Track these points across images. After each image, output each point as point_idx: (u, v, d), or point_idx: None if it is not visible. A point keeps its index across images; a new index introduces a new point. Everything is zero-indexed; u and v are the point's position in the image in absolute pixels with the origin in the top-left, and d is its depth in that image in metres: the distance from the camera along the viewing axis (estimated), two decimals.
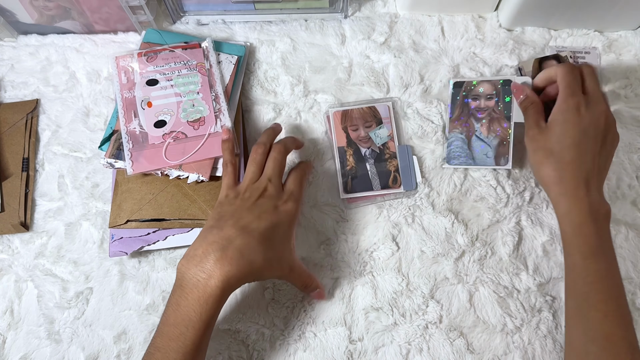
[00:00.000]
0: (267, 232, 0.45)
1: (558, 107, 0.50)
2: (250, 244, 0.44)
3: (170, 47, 0.59)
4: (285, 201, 0.49)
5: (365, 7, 0.66)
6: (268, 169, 0.51)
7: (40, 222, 0.58)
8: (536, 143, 0.51)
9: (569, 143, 0.48)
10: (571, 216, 0.47)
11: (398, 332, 0.53)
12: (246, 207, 0.47)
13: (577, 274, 0.47)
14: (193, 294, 0.42)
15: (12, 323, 0.55)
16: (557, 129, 0.49)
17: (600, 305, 0.44)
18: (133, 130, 0.55)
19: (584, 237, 0.47)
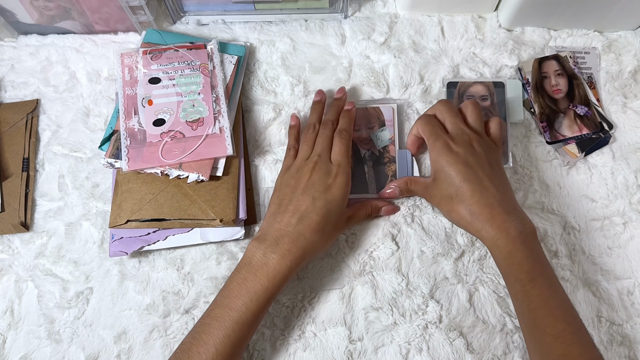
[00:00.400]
0: (323, 211, 0.49)
1: (431, 157, 0.52)
2: (310, 226, 0.48)
3: (175, 46, 0.59)
4: (335, 176, 0.51)
5: (365, 7, 0.66)
6: (317, 145, 0.53)
7: (41, 222, 0.58)
8: (435, 197, 0.52)
9: (459, 181, 0.49)
10: (499, 246, 0.47)
11: (398, 332, 0.53)
12: (301, 188, 0.50)
13: (521, 302, 0.46)
14: (262, 270, 0.46)
15: (12, 323, 0.55)
16: (442, 175, 0.50)
17: (549, 328, 0.44)
18: (132, 127, 0.56)
19: (517, 264, 0.46)
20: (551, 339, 0.43)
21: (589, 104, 0.60)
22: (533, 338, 0.45)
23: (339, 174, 0.51)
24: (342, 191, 0.50)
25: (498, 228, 0.47)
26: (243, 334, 0.45)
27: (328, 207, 0.49)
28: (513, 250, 0.46)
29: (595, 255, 0.56)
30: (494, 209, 0.48)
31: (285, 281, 0.47)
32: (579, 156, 0.58)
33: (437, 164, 0.51)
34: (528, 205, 0.57)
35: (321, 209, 0.49)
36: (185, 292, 0.55)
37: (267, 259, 0.47)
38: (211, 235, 0.55)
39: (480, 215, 0.48)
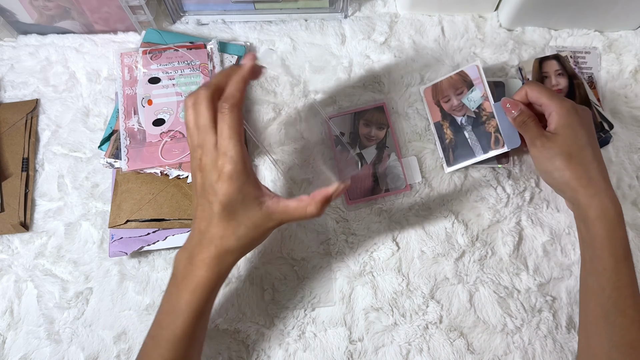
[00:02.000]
0: (224, 214, 0.42)
1: (557, 114, 0.50)
2: (218, 232, 0.43)
3: (175, 46, 0.59)
4: (220, 171, 0.41)
5: (365, 7, 0.66)
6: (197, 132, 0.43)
7: (40, 222, 0.58)
8: (550, 150, 0.49)
9: (584, 143, 0.48)
10: (607, 218, 0.46)
11: (398, 332, 0.53)
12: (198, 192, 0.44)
13: (607, 279, 0.45)
14: (183, 284, 0.43)
15: (12, 323, 0.54)
16: (568, 132, 0.49)
17: (629, 311, 0.44)
18: (131, 127, 0.55)
19: (618, 239, 0.46)
20: (628, 322, 0.43)
21: (589, 104, 0.60)
22: (606, 318, 0.45)
23: (225, 165, 0.41)
24: (233, 186, 0.41)
25: (609, 199, 0.47)
26: (179, 352, 0.43)
27: (227, 208, 0.42)
28: (617, 225, 0.46)
29: None
30: (606, 181, 0.48)
31: (210, 291, 0.43)
32: None
33: (565, 119, 0.49)
34: (528, 205, 0.57)
35: (220, 212, 0.42)
36: None
37: (186, 271, 0.44)
38: None
39: (597, 183, 0.47)
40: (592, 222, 0.47)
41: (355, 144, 0.59)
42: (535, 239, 0.56)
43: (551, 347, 0.53)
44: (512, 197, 0.57)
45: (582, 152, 0.48)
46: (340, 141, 0.56)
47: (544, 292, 0.54)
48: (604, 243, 0.46)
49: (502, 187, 0.58)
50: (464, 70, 0.59)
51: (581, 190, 0.48)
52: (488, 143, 0.56)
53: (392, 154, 0.58)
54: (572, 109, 0.50)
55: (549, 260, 0.55)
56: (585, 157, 0.48)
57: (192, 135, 0.43)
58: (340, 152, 0.56)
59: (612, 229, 0.46)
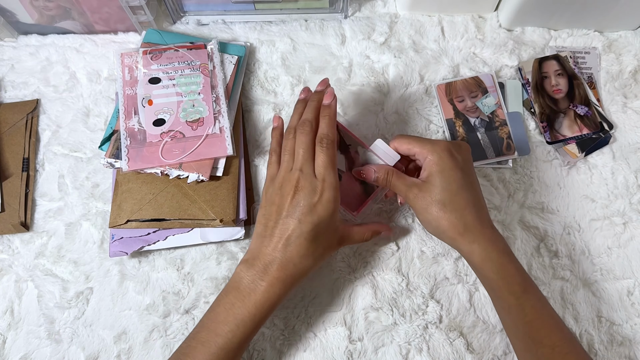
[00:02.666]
0: (311, 235, 0.45)
1: (430, 158, 0.48)
2: (300, 252, 0.45)
3: (175, 46, 0.59)
4: (320, 194, 0.45)
5: (365, 7, 0.66)
6: (297, 157, 0.47)
7: (41, 222, 0.58)
8: (423, 201, 0.47)
9: (457, 187, 0.46)
10: (492, 259, 0.46)
11: (398, 332, 0.53)
12: (285, 210, 0.46)
13: (515, 315, 0.45)
14: (250, 297, 0.45)
15: (12, 323, 0.55)
16: (438, 180, 0.47)
17: (546, 340, 0.44)
18: (132, 127, 0.56)
19: (510, 277, 0.45)
20: (548, 351, 0.43)
21: (589, 104, 0.60)
22: (528, 351, 0.45)
23: (325, 190, 0.46)
24: (329, 210, 0.46)
25: (489, 242, 0.46)
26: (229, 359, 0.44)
27: (316, 229, 0.45)
28: (505, 263, 0.46)
29: (595, 255, 0.56)
30: (483, 223, 0.47)
31: (273, 308, 0.46)
32: (579, 156, 0.58)
33: (436, 166, 0.47)
34: (528, 205, 0.57)
35: (309, 232, 0.45)
36: (185, 292, 0.55)
37: (255, 285, 0.45)
38: (211, 235, 0.55)
39: (473, 228, 0.46)
40: (480, 267, 0.46)
41: None
42: (534, 240, 0.56)
43: None
44: (512, 197, 0.58)
45: (456, 197, 0.46)
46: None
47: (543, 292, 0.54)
48: (498, 284, 0.46)
49: (502, 187, 0.58)
50: (479, 77, 0.61)
51: (459, 238, 0.46)
52: (500, 147, 0.58)
53: (358, 148, 0.54)
54: (445, 152, 0.47)
55: (549, 260, 0.56)
56: (459, 202, 0.46)
57: (286, 159, 0.48)
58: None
59: (500, 270, 0.45)
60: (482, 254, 0.46)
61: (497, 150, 0.58)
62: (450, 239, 0.47)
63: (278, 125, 0.53)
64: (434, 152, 0.48)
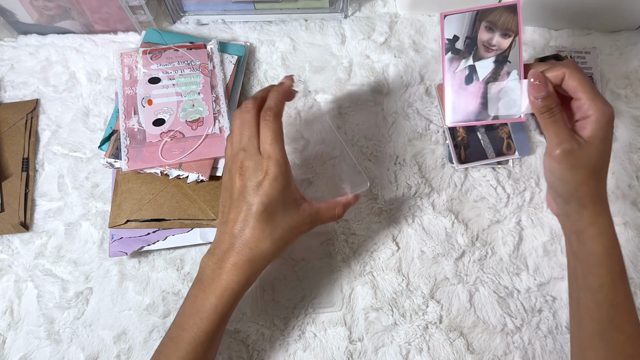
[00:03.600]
0: (263, 216, 0.43)
1: (598, 122, 0.43)
2: (254, 234, 0.43)
3: (175, 46, 0.59)
4: (265, 171, 0.43)
5: (365, 7, 0.66)
6: (241, 136, 0.45)
7: (40, 222, 0.58)
8: (577, 159, 0.43)
9: (607, 160, 0.45)
10: (608, 235, 0.45)
11: (398, 332, 0.53)
12: (236, 193, 0.44)
13: (604, 295, 0.44)
14: (211, 287, 0.44)
15: (12, 323, 0.54)
16: (600, 146, 0.44)
17: (626, 327, 0.44)
18: (131, 127, 0.55)
19: (616, 256, 0.45)
20: (625, 338, 0.43)
21: None
22: (602, 334, 0.44)
23: (270, 167, 0.43)
24: (277, 187, 0.43)
25: (609, 218, 0.46)
26: (199, 354, 0.43)
27: (267, 209, 0.43)
28: (616, 244, 0.45)
29: None
30: (607, 199, 0.46)
31: (237, 296, 0.44)
32: None
33: (604, 131, 0.43)
34: (528, 205, 0.57)
35: (260, 213, 0.43)
36: (185, 292, 0.55)
37: (214, 274, 0.44)
38: (211, 235, 0.55)
39: (604, 200, 0.46)
40: (591, 238, 0.45)
41: (470, 53, 0.48)
42: (535, 239, 0.56)
43: (551, 347, 0.53)
44: (512, 197, 0.57)
45: (604, 169, 0.45)
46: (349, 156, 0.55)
47: (544, 292, 0.54)
48: (601, 260, 0.45)
49: (502, 187, 0.58)
50: None
51: (590, 206, 0.45)
52: (500, 147, 0.58)
53: (513, 71, 0.47)
54: (612, 119, 0.44)
55: (549, 260, 0.55)
56: (605, 174, 0.46)
57: (234, 141, 0.46)
58: (348, 165, 0.55)
59: (611, 246, 0.45)
60: (602, 226, 0.45)
61: (497, 150, 0.58)
62: (581, 205, 0.45)
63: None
64: (605, 114, 0.43)
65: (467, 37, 0.48)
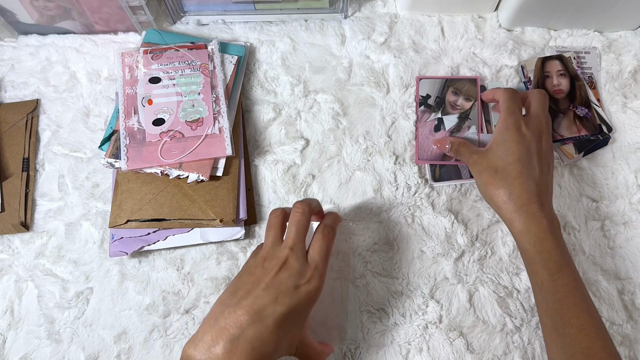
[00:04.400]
0: (282, 319, 0.39)
1: (498, 128, 0.52)
2: (262, 335, 0.38)
3: (176, 46, 0.59)
4: (308, 279, 0.41)
5: (365, 7, 0.66)
6: (290, 234, 0.44)
7: (41, 222, 0.58)
8: (479, 166, 0.51)
9: (512, 159, 0.49)
10: (530, 232, 0.47)
11: (398, 332, 0.53)
12: (264, 283, 0.41)
13: (546, 291, 0.46)
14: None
15: (12, 323, 0.55)
16: (498, 149, 0.50)
17: (574, 320, 0.44)
18: (131, 126, 0.56)
19: (547, 252, 0.46)
20: (575, 331, 0.43)
21: (589, 106, 0.60)
22: (555, 330, 0.45)
23: (314, 278, 0.41)
24: (311, 297, 0.41)
25: (532, 215, 0.47)
26: None
27: (289, 315, 0.39)
28: (543, 239, 0.46)
29: (595, 255, 0.56)
30: (531, 197, 0.48)
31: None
32: (575, 157, 0.58)
33: (500, 136, 0.51)
34: None
35: (281, 315, 0.39)
36: (185, 292, 0.55)
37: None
38: (211, 235, 0.55)
39: (518, 198, 0.48)
40: (518, 237, 0.48)
41: (439, 108, 0.59)
42: None
43: None
44: None
45: (508, 167, 0.49)
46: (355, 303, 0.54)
47: None
48: (534, 258, 0.47)
49: None
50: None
51: (502, 206, 0.49)
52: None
53: (472, 126, 0.58)
54: (514, 125, 0.50)
55: None
56: (511, 172, 0.49)
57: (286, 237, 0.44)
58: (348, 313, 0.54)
59: (537, 243, 0.46)
60: (521, 225, 0.47)
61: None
62: (496, 205, 0.50)
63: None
64: (501, 122, 0.52)
65: (437, 97, 0.60)
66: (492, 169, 0.50)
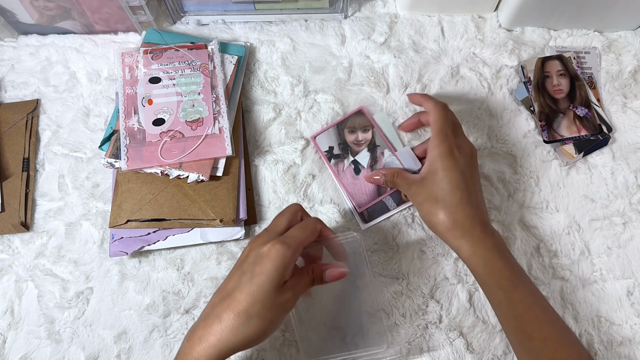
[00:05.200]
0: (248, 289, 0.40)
1: (432, 155, 0.50)
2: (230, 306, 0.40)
3: (176, 46, 0.59)
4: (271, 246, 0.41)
5: (365, 7, 0.66)
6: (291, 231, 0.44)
7: (41, 222, 0.58)
8: (419, 196, 0.51)
9: (451, 187, 0.48)
10: (478, 256, 0.47)
11: (398, 332, 0.53)
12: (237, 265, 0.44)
13: (505, 309, 0.46)
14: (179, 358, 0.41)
15: (12, 323, 0.55)
16: (435, 177, 0.49)
17: (536, 333, 0.44)
18: (131, 126, 0.56)
19: (498, 272, 0.46)
20: (539, 344, 0.44)
21: (589, 106, 0.60)
22: (520, 345, 0.46)
23: (277, 243, 0.41)
24: (275, 262, 0.40)
25: (477, 238, 0.47)
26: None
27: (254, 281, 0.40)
28: (492, 259, 0.46)
29: (595, 255, 0.56)
30: (474, 221, 0.48)
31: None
32: (576, 157, 0.58)
33: (434, 164, 0.50)
34: (528, 205, 0.57)
35: (246, 284, 0.40)
36: (185, 292, 0.55)
37: (184, 347, 0.41)
38: (211, 235, 0.55)
39: (462, 225, 0.47)
40: (468, 262, 0.48)
41: (347, 152, 0.59)
42: (533, 239, 0.56)
43: None
44: (512, 197, 0.58)
45: (448, 195, 0.48)
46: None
47: (543, 292, 0.54)
48: (487, 279, 0.47)
49: (502, 187, 0.58)
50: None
51: (447, 234, 0.48)
52: (399, 197, 0.57)
53: (385, 150, 0.58)
54: (448, 151, 0.49)
55: (549, 260, 0.56)
56: (451, 200, 0.48)
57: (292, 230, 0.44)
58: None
59: (486, 265, 0.47)
60: (469, 250, 0.47)
61: (397, 200, 0.57)
62: (441, 233, 0.49)
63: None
64: (434, 150, 0.50)
65: (340, 143, 0.59)
66: (432, 198, 0.49)
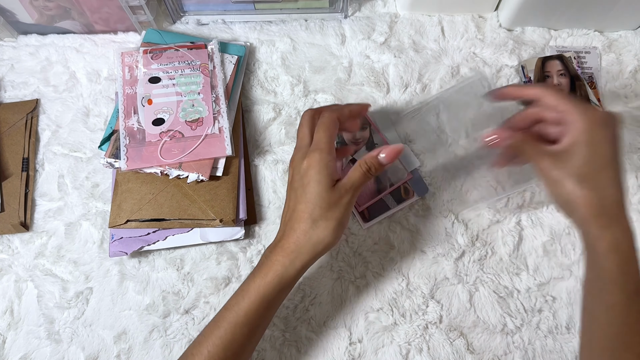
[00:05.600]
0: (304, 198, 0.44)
1: (576, 128, 0.41)
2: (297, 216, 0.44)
3: (176, 46, 0.59)
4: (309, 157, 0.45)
5: (365, 7, 0.66)
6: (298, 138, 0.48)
7: (40, 222, 0.58)
8: (558, 171, 0.41)
9: (604, 163, 0.41)
10: (619, 252, 0.40)
11: (398, 332, 0.53)
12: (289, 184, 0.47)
13: (616, 314, 0.41)
14: (260, 270, 0.45)
15: (12, 323, 0.55)
16: (585, 151, 0.41)
17: (636, 347, 0.40)
18: (131, 126, 0.56)
19: (630, 274, 0.40)
20: (633, 357, 0.40)
21: None
22: (612, 352, 0.41)
23: (312, 151, 0.45)
24: (315, 168, 0.44)
25: (624, 231, 0.40)
26: (237, 335, 0.43)
27: (307, 190, 0.44)
28: (630, 260, 0.40)
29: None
30: (621, 209, 0.40)
31: (280, 278, 0.44)
32: None
33: (585, 135, 0.41)
34: (528, 205, 0.57)
35: (301, 195, 0.45)
36: (185, 292, 0.55)
37: (265, 258, 0.45)
38: (211, 235, 0.55)
39: (611, 211, 0.40)
40: (603, 255, 0.41)
41: None
42: (535, 239, 0.56)
43: (551, 347, 0.53)
44: (512, 197, 0.57)
45: (599, 174, 0.40)
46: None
47: (544, 292, 0.54)
48: (614, 278, 0.41)
49: (502, 186, 0.58)
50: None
51: (592, 220, 0.40)
52: (399, 195, 0.57)
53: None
54: (599, 120, 0.41)
55: (549, 260, 0.55)
56: (603, 180, 0.40)
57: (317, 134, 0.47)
58: None
59: (624, 264, 0.40)
60: (612, 242, 0.40)
61: (397, 198, 0.57)
62: (581, 219, 0.41)
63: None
64: (585, 118, 0.41)
65: (338, 142, 0.59)
66: (578, 176, 0.40)
